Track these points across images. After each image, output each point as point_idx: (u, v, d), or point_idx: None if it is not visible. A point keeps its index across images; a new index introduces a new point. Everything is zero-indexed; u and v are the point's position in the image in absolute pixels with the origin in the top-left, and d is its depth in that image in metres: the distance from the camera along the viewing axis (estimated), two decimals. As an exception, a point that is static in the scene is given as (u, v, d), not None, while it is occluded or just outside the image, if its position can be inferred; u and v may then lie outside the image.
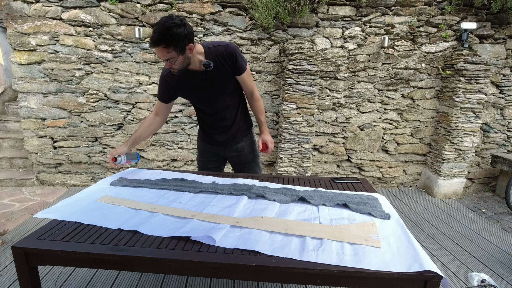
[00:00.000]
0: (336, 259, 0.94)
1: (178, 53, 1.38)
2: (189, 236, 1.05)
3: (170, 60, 1.40)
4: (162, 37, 1.31)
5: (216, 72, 1.55)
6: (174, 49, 1.36)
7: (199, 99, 1.68)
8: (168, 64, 1.43)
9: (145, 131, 1.69)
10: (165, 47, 1.34)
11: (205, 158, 1.92)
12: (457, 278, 2.02)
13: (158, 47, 1.34)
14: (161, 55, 1.38)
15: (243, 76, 1.64)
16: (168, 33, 1.31)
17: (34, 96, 3.23)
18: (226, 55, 1.54)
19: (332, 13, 3.24)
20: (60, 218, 1.18)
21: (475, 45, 3.38)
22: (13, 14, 3.03)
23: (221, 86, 1.62)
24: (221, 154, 1.89)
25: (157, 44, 1.33)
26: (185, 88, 1.61)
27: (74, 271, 1.95)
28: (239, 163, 1.91)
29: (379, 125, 3.56)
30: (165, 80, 1.60)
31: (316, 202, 1.36)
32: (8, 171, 3.66)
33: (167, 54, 1.37)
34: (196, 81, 1.58)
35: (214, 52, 1.53)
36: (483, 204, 3.37)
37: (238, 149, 1.84)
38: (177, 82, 1.59)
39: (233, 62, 1.56)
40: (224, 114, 1.72)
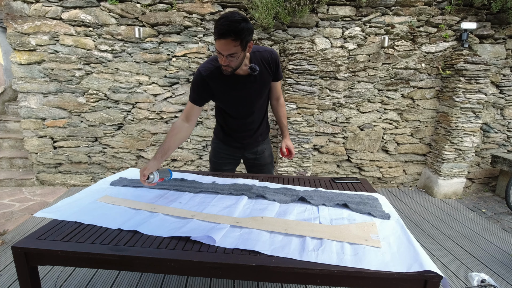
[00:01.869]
0: (336, 259, 0.94)
1: (242, 49, 1.32)
2: (189, 236, 1.05)
3: (233, 55, 1.32)
4: (233, 28, 1.24)
5: (259, 76, 1.53)
6: (240, 44, 1.29)
7: (235, 102, 1.60)
8: (226, 60, 1.34)
9: (174, 141, 1.49)
10: (233, 40, 1.26)
11: (221, 160, 1.87)
12: (457, 278, 2.02)
13: (226, 39, 1.26)
14: (226, 48, 1.29)
15: (278, 83, 1.68)
16: (239, 26, 1.25)
17: (34, 96, 3.23)
18: (270, 61, 1.54)
19: (332, 13, 3.24)
20: (60, 218, 1.19)
21: (475, 45, 3.38)
22: (13, 14, 3.03)
23: (259, 91, 1.60)
24: (238, 156, 1.87)
25: (226, 36, 1.25)
26: (225, 90, 1.53)
27: (74, 271, 1.95)
28: (257, 165, 1.90)
29: (379, 125, 3.56)
30: (205, 81, 1.48)
31: (316, 202, 1.36)
32: (8, 171, 3.66)
33: (233, 48, 1.29)
34: (238, 84, 1.52)
35: (259, 56, 1.51)
36: (483, 204, 3.37)
37: (259, 152, 1.85)
38: (218, 84, 1.50)
39: (276, 68, 1.58)
40: (253, 118, 1.71)
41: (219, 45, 1.30)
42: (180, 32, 3.19)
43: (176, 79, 3.30)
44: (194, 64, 3.26)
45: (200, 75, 1.48)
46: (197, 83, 1.50)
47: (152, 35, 3.18)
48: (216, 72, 1.47)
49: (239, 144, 1.79)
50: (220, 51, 1.31)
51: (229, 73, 1.42)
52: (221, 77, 1.47)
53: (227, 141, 1.80)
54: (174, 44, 3.21)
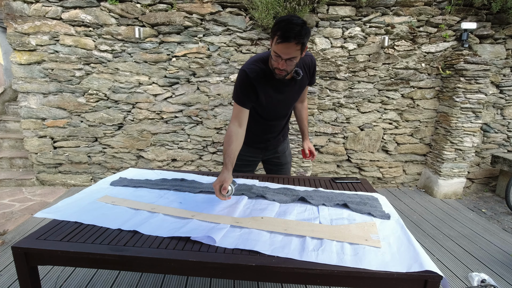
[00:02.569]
0: (336, 259, 0.94)
1: (300, 52, 1.31)
2: (189, 236, 1.05)
3: (292, 59, 1.31)
4: (297, 32, 1.23)
5: (299, 80, 1.53)
6: (301, 47, 1.29)
7: (275, 105, 1.58)
8: (284, 64, 1.32)
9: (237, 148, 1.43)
10: (296, 44, 1.25)
11: (242, 161, 1.84)
12: (457, 278, 2.02)
13: (290, 43, 1.24)
14: (287, 52, 1.27)
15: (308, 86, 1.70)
16: (302, 29, 1.24)
17: (34, 96, 3.23)
18: (310, 65, 1.56)
19: (332, 13, 3.24)
20: (60, 218, 1.19)
21: (475, 45, 3.38)
22: (13, 14, 3.03)
23: (298, 94, 1.62)
24: (259, 158, 1.88)
25: (291, 39, 1.23)
26: (269, 93, 1.50)
27: (74, 271, 1.95)
28: (278, 164, 1.91)
29: (379, 125, 3.56)
30: (252, 83, 1.44)
31: (316, 202, 1.36)
32: (8, 171, 3.66)
33: (294, 51, 1.28)
34: (282, 87, 1.51)
35: (301, 61, 1.50)
36: (483, 204, 3.37)
37: (280, 151, 1.87)
38: (263, 86, 1.47)
39: (313, 72, 1.61)
40: (285, 120, 1.74)
41: (281, 48, 1.27)
42: (180, 32, 3.19)
43: (176, 79, 3.30)
44: (194, 64, 3.26)
45: (247, 77, 1.44)
46: (245, 85, 1.45)
47: (152, 35, 3.18)
48: (261, 74, 1.45)
49: (263, 145, 1.80)
50: (280, 54, 1.29)
51: (282, 77, 1.41)
52: (266, 80, 1.45)
53: (250, 143, 1.77)
54: (174, 44, 3.21)
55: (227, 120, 3.42)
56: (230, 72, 3.32)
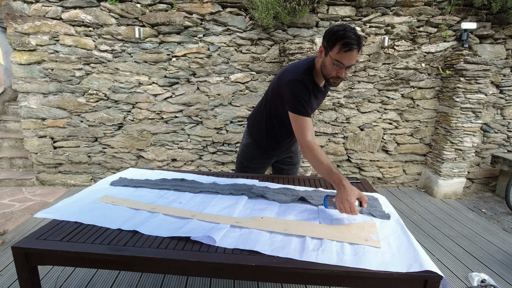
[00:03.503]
0: (336, 259, 0.94)
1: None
2: (189, 236, 1.05)
3: (352, 66, 1.34)
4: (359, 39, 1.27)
5: (327, 88, 1.59)
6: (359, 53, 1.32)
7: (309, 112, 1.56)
8: (344, 72, 1.34)
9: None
10: (358, 51, 1.29)
11: (255, 164, 1.87)
12: (457, 278, 2.02)
13: (354, 51, 1.28)
14: (351, 59, 1.30)
15: None
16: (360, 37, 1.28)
17: (34, 96, 3.23)
18: None
19: (332, 13, 3.24)
20: (60, 218, 1.19)
21: (475, 45, 3.38)
22: (13, 14, 3.03)
23: (322, 100, 1.67)
24: (272, 160, 1.90)
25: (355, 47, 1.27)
26: (313, 100, 1.52)
27: (74, 271, 1.95)
28: (290, 163, 1.94)
29: (379, 125, 3.56)
30: (309, 91, 1.43)
31: (316, 202, 1.36)
32: (8, 171, 3.66)
33: (355, 58, 1.31)
34: (319, 95, 1.55)
35: None
36: (483, 204, 3.37)
37: (293, 151, 1.90)
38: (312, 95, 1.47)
39: None
40: None
41: (347, 57, 1.28)
42: (180, 32, 3.19)
43: (176, 79, 3.30)
44: (194, 64, 3.26)
45: (305, 87, 1.42)
46: (306, 95, 1.42)
47: (152, 35, 3.18)
48: (311, 84, 1.45)
49: (284, 149, 1.83)
50: (344, 62, 1.30)
51: (336, 85, 1.44)
52: (314, 89, 1.47)
53: (270, 150, 1.80)
54: (174, 44, 3.21)
55: (227, 120, 3.42)
56: (230, 72, 3.32)
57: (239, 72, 3.32)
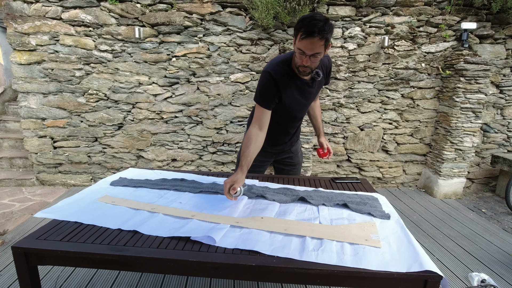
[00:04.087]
0: (336, 259, 0.94)
1: (325, 48, 1.32)
2: (189, 236, 1.05)
3: (316, 55, 1.31)
4: (320, 27, 1.23)
5: (318, 81, 1.54)
6: (325, 43, 1.29)
7: (295, 106, 1.58)
8: (309, 61, 1.33)
9: (255, 151, 1.43)
10: (319, 39, 1.26)
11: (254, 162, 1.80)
12: (457, 278, 2.02)
13: (314, 38, 1.25)
14: (312, 48, 1.28)
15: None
16: (325, 25, 1.24)
17: (34, 96, 3.23)
18: (328, 66, 1.59)
19: (332, 13, 3.24)
20: (60, 218, 1.19)
21: (475, 45, 3.38)
22: (13, 14, 3.03)
23: (315, 95, 1.65)
24: (271, 159, 1.88)
25: (314, 35, 1.24)
26: (291, 94, 1.50)
27: (74, 271, 1.95)
28: (290, 164, 1.92)
29: (379, 125, 3.56)
30: (276, 83, 1.44)
31: (316, 202, 1.36)
32: (8, 171, 3.66)
33: (318, 47, 1.28)
34: (303, 88, 1.52)
35: (320, 62, 1.51)
36: (483, 204, 3.37)
37: (293, 151, 1.89)
38: (287, 87, 1.47)
39: (329, 73, 1.63)
40: (301, 121, 1.74)
41: (305, 44, 1.28)
42: (180, 32, 3.19)
43: (176, 79, 3.30)
44: (194, 64, 3.26)
45: (271, 78, 1.44)
46: (269, 86, 1.45)
47: (152, 35, 3.18)
48: (286, 75, 1.45)
49: (280, 147, 1.80)
50: (305, 50, 1.30)
51: (306, 74, 1.43)
52: (290, 81, 1.46)
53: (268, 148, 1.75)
54: (174, 44, 3.21)
55: (227, 120, 3.42)
56: (230, 72, 3.32)
57: (239, 72, 3.32)
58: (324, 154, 1.84)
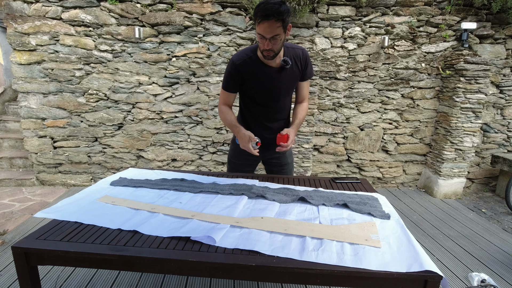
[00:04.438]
0: (336, 259, 0.94)
1: (284, 30, 1.37)
2: (189, 236, 1.05)
3: (276, 37, 1.37)
4: (275, 9, 1.29)
5: (289, 71, 1.58)
6: (282, 24, 1.34)
7: (264, 94, 1.63)
8: (269, 44, 1.39)
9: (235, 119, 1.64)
10: (276, 21, 1.32)
11: (242, 161, 1.86)
12: (457, 278, 2.02)
13: (270, 21, 1.31)
14: (270, 30, 1.34)
15: (306, 82, 1.70)
16: (280, 7, 1.30)
17: (34, 96, 3.23)
18: (301, 58, 1.60)
19: (332, 13, 3.24)
20: (60, 218, 1.19)
21: (475, 45, 3.38)
22: (13, 14, 3.03)
23: (287, 86, 1.65)
24: (258, 157, 1.84)
25: (270, 17, 1.30)
26: (256, 80, 1.58)
27: (74, 271, 1.95)
28: (278, 164, 1.90)
29: (379, 125, 3.56)
30: (237, 69, 1.54)
31: (316, 202, 1.36)
32: (8, 171, 3.66)
33: (276, 29, 1.34)
34: (270, 75, 1.56)
35: (292, 52, 1.57)
36: (483, 204, 3.37)
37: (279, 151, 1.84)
38: (250, 73, 1.56)
39: (305, 66, 1.63)
40: (278, 115, 1.73)
41: (263, 27, 1.34)
42: (180, 32, 3.19)
43: (176, 79, 3.30)
44: (194, 64, 3.26)
45: (233, 64, 1.54)
46: (230, 71, 1.56)
47: (152, 35, 3.18)
48: (249, 61, 1.53)
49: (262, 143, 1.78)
50: (263, 34, 1.36)
51: (271, 58, 1.47)
52: (254, 67, 1.54)
53: None
54: (174, 44, 3.21)
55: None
56: (230, 72, 3.31)
57: (239, 72, 3.32)
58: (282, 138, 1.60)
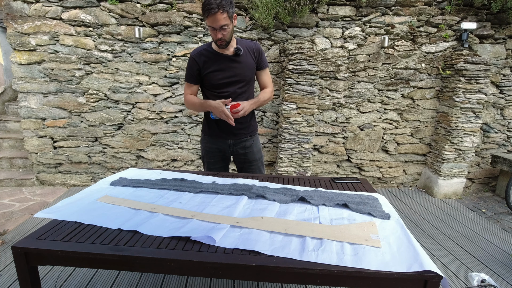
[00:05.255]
0: (336, 259, 0.94)
1: (230, 20, 1.57)
2: (189, 236, 1.05)
3: (224, 26, 1.55)
4: (219, 2, 1.48)
5: (244, 59, 1.75)
6: (228, 15, 1.53)
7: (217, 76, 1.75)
8: (220, 34, 1.58)
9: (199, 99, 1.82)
10: (222, 13, 1.51)
11: (213, 158, 1.95)
12: (457, 278, 2.02)
13: (216, 14, 1.50)
14: (217, 22, 1.53)
15: (264, 71, 1.86)
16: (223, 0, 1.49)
17: (34, 96, 3.23)
18: (254, 49, 1.79)
19: (332, 13, 3.24)
20: (60, 218, 1.18)
21: (475, 45, 3.38)
22: (13, 14, 3.03)
23: (244, 73, 1.78)
24: (228, 153, 1.93)
25: (214, 10, 1.48)
26: (212, 67, 1.73)
27: (74, 271, 1.95)
28: (246, 161, 1.97)
29: (379, 125, 3.56)
30: (194, 60, 1.73)
31: (316, 202, 1.36)
32: (8, 171, 3.66)
33: (223, 20, 1.53)
34: (224, 62, 1.73)
35: (244, 43, 1.78)
36: (483, 204, 3.37)
37: (247, 146, 1.92)
38: (206, 62, 1.73)
39: (259, 56, 1.81)
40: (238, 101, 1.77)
41: (211, 20, 1.53)
42: (180, 32, 3.19)
43: (176, 79, 3.30)
44: (194, 64, 3.26)
45: (191, 57, 1.75)
46: (189, 64, 1.76)
47: (152, 35, 3.18)
48: (204, 52, 1.73)
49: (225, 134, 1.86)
50: (213, 25, 1.55)
51: (224, 46, 1.66)
52: (208, 56, 1.72)
53: (214, 134, 1.88)
54: (174, 44, 3.21)
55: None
56: (230, 72, 3.31)
57: (239, 72, 3.32)
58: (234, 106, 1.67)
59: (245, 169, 1.99)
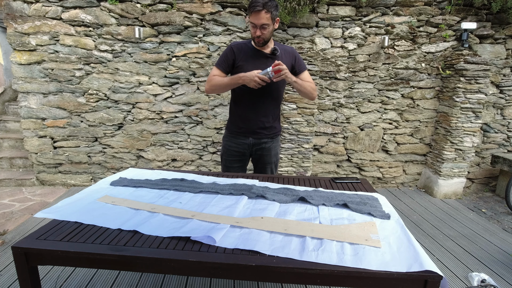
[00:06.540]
0: (336, 259, 0.94)
1: (272, 21, 1.64)
2: (189, 236, 1.05)
3: (265, 25, 1.62)
4: (264, 2, 1.56)
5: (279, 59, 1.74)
6: (271, 15, 1.60)
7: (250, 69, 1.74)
8: (259, 32, 1.64)
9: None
10: (266, 12, 1.58)
11: (232, 157, 1.96)
12: (457, 278, 2.02)
13: (260, 12, 1.57)
14: (260, 20, 1.59)
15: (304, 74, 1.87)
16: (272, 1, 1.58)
17: (34, 96, 3.23)
18: (290, 53, 1.84)
19: (332, 13, 3.24)
20: (60, 218, 1.18)
21: (475, 45, 3.38)
22: (13, 14, 3.03)
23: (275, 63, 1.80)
24: (246, 154, 1.95)
25: (259, 8, 1.55)
26: (246, 59, 1.78)
27: (74, 271, 1.95)
28: (261, 162, 1.98)
29: (379, 125, 3.56)
30: (232, 50, 1.78)
31: (316, 202, 1.36)
32: (8, 171, 3.66)
33: (265, 19, 1.60)
34: (259, 57, 1.78)
35: (281, 46, 1.83)
36: (483, 204, 3.37)
37: (266, 149, 1.94)
38: (246, 58, 1.77)
39: (295, 59, 1.84)
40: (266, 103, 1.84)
41: (254, 17, 1.60)
42: (180, 32, 3.19)
43: (176, 79, 3.30)
44: (194, 64, 3.26)
45: (229, 47, 1.80)
46: (226, 52, 1.80)
47: (152, 35, 3.18)
48: (244, 46, 1.79)
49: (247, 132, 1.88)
50: (254, 22, 1.62)
51: (261, 44, 1.73)
52: (246, 50, 1.78)
53: (236, 131, 1.91)
54: (174, 44, 3.21)
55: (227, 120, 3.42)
56: (230, 72, 3.32)
57: (239, 72, 3.32)
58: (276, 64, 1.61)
59: (258, 170, 2.02)
